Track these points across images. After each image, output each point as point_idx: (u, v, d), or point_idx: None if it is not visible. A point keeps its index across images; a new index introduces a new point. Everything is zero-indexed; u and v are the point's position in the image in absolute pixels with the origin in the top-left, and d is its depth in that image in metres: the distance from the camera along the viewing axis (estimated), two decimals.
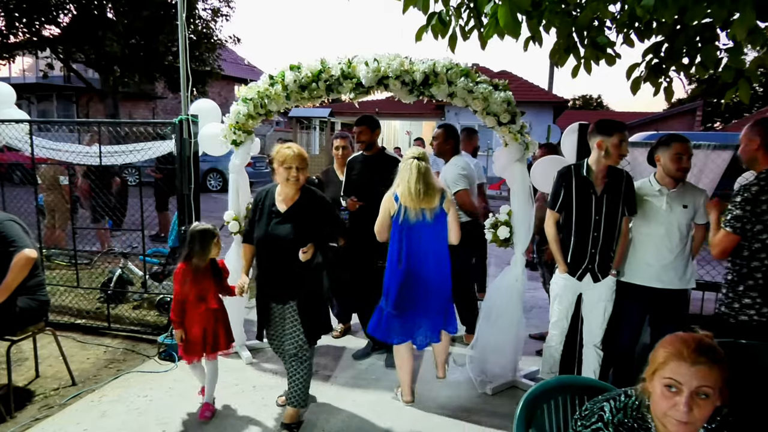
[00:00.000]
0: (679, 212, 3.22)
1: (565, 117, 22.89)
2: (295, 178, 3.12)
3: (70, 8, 17.40)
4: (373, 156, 4.29)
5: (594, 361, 3.46)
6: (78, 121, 6.44)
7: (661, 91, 2.95)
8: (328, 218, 3.27)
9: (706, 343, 1.41)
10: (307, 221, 3.15)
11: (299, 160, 3.12)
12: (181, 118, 4.22)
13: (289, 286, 3.16)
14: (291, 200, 3.20)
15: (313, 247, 3.10)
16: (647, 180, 3.36)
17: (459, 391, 3.83)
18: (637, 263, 3.34)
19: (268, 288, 3.24)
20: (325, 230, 3.25)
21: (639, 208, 3.32)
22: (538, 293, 5.87)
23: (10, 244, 3.31)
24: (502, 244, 3.85)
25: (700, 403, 1.36)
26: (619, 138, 3.23)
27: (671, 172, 3.20)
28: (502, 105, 3.46)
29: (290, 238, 3.09)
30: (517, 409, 1.95)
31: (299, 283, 3.14)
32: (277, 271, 3.17)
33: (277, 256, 3.15)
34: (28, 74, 23.97)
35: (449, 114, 21.64)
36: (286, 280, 3.15)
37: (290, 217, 3.16)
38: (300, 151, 3.16)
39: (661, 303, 3.28)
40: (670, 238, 3.23)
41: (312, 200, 3.23)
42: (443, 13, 2.63)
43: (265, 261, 3.24)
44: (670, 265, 3.24)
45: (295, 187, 3.18)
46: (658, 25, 2.69)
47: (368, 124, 4.24)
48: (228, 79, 26.38)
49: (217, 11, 19.51)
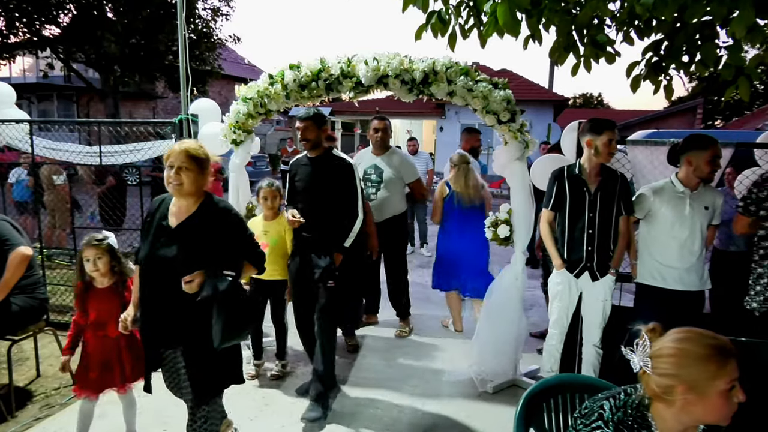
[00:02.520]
0: (701, 214, 3.20)
1: (565, 115, 22.86)
2: (175, 181, 2.35)
3: (70, 8, 17.41)
4: (319, 158, 3.64)
5: (594, 360, 3.46)
6: (78, 120, 6.44)
7: (661, 89, 2.95)
8: (232, 239, 2.47)
9: (714, 335, 1.43)
10: (202, 242, 2.39)
11: (182, 158, 2.35)
12: (181, 117, 4.22)
13: (174, 326, 2.43)
14: (184, 213, 2.44)
15: (201, 276, 2.32)
16: (669, 181, 3.30)
17: (459, 390, 3.83)
18: (658, 266, 3.29)
19: (152, 326, 2.52)
20: (225, 255, 2.45)
21: (662, 210, 3.25)
22: (538, 291, 5.87)
23: (4, 243, 3.32)
24: (503, 242, 3.86)
25: None
26: (608, 136, 3.23)
27: (704, 174, 3.15)
28: (502, 103, 3.46)
29: (176, 263, 2.35)
30: (517, 408, 1.95)
31: (185, 323, 2.39)
32: (161, 304, 2.45)
33: (160, 284, 2.42)
34: (29, 74, 23.99)
35: (449, 113, 21.63)
36: (171, 318, 2.43)
37: (180, 235, 2.40)
38: (188, 147, 2.39)
39: (680, 305, 3.23)
40: (693, 240, 3.20)
41: (212, 215, 2.44)
42: (443, 12, 2.62)
43: (147, 290, 2.49)
44: (692, 267, 3.22)
45: (180, 195, 2.41)
46: (657, 23, 2.69)
47: (314, 119, 3.55)
48: (228, 79, 26.37)
49: (217, 10, 19.53)
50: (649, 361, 1.45)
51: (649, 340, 1.47)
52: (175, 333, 2.43)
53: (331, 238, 3.52)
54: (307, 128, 3.55)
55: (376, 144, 4.75)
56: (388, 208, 4.71)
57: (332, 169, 3.57)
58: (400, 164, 4.72)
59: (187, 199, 2.43)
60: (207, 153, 2.48)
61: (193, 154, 2.37)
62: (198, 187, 2.42)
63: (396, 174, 4.69)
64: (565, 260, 3.44)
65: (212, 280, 2.32)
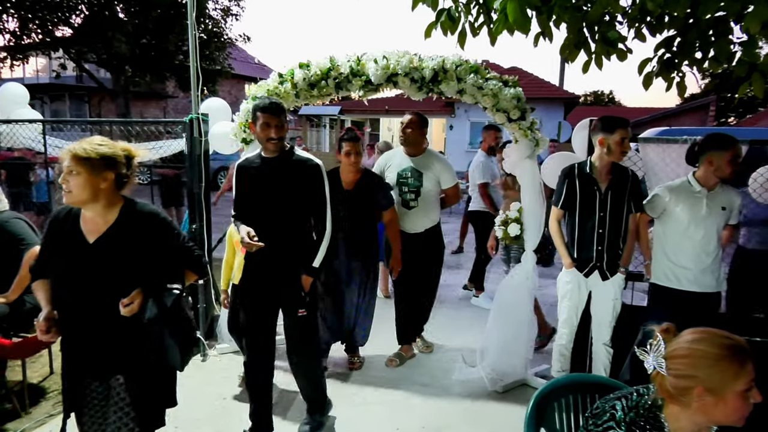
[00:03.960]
0: (717, 214, 3.14)
1: (576, 113, 22.71)
2: (65, 188, 2.00)
3: (82, 9, 17.58)
4: (277, 159, 2.96)
5: (604, 359, 3.44)
6: (90, 120, 6.50)
7: (673, 86, 2.92)
8: (165, 247, 2.15)
9: (729, 336, 1.41)
10: (130, 256, 2.06)
11: (68, 161, 1.98)
12: (192, 116, 4.25)
13: (110, 354, 2.10)
14: (102, 226, 2.07)
15: (140, 296, 2.02)
16: (686, 180, 3.24)
17: (469, 389, 3.82)
18: (672, 266, 3.24)
19: (78, 357, 2.14)
20: (162, 266, 2.14)
21: (677, 210, 3.19)
22: (548, 290, 5.84)
23: (20, 242, 3.36)
24: (513, 241, 3.84)
25: None
26: (621, 135, 3.19)
27: (724, 175, 3.08)
28: (512, 101, 3.45)
29: (101, 285, 2.04)
30: (528, 408, 1.94)
31: (126, 349, 2.09)
32: (89, 330, 2.09)
33: (87, 309, 2.06)
34: (41, 75, 24.25)
35: (459, 111, 21.56)
36: (104, 345, 2.09)
37: (101, 252, 2.04)
38: (72, 148, 1.99)
39: (694, 307, 3.17)
40: (709, 241, 3.15)
41: (135, 223, 2.10)
42: (452, 10, 2.62)
43: (67, 313, 2.10)
44: (708, 268, 3.17)
45: (73, 203, 2.05)
46: (669, 19, 2.66)
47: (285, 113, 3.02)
48: (238, 78, 26.46)
49: (227, 10, 19.61)
50: (663, 362, 1.43)
51: (663, 340, 1.45)
52: (111, 361, 2.11)
53: (297, 258, 2.97)
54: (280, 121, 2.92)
55: (408, 142, 4.12)
56: (428, 217, 4.14)
57: (294, 172, 2.95)
58: (441, 167, 4.14)
59: (96, 208, 2.05)
60: (104, 151, 2.02)
61: (79, 155, 1.97)
62: (92, 192, 2.00)
63: (435, 178, 4.11)
64: (574, 259, 3.42)
65: (154, 297, 2.04)
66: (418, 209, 4.08)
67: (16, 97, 5.12)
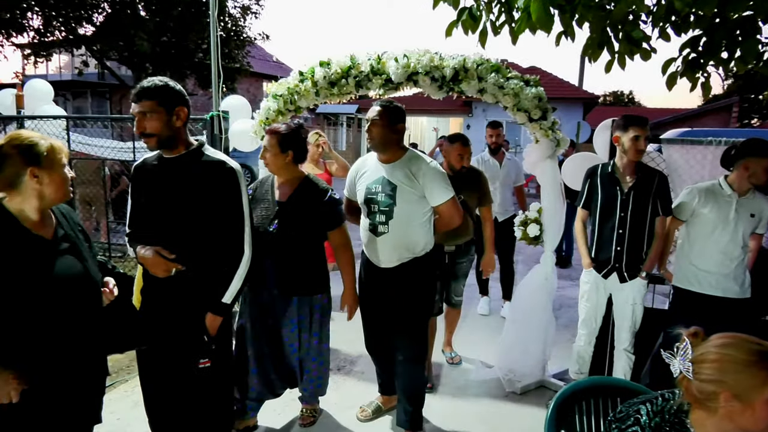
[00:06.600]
0: (745, 220, 3.08)
1: (595, 113, 22.47)
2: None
3: (104, 7, 17.85)
4: (178, 160, 2.34)
5: (625, 365, 3.40)
6: (113, 117, 6.60)
7: (698, 86, 2.87)
8: None
9: (759, 341, 1.39)
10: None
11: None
12: (213, 114, 4.28)
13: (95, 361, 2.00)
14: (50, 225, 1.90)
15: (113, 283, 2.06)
16: (717, 183, 3.17)
17: (487, 390, 3.81)
18: (695, 270, 3.18)
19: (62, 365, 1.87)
20: None
21: (704, 212, 3.13)
22: (566, 291, 5.79)
23: None
24: (532, 242, 3.82)
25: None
26: (634, 132, 3.13)
27: (760, 182, 3.02)
28: (534, 101, 3.42)
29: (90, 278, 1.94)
30: (548, 410, 1.92)
31: None
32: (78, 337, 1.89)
33: (82, 309, 1.89)
34: (64, 71, 24.71)
35: (476, 110, 21.46)
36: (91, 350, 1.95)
37: (65, 245, 1.90)
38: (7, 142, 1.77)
39: (718, 312, 3.11)
40: (734, 246, 3.09)
41: (65, 220, 1.98)
42: (474, 8, 2.60)
43: (57, 320, 1.83)
44: (731, 274, 3.10)
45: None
46: (696, 18, 2.62)
47: (158, 98, 2.24)
48: (256, 76, 26.62)
49: (247, 9, 19.72)
50: (690, 366, 1.41)
51: (691, 344, 1.43)
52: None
53: (198, 292, 2.33)
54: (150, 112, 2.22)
55: (375, 144, 2.97)
56: (403, 247, 2.98)
57: (200, 177, 2.30)
58: (427, 178, 2.93)
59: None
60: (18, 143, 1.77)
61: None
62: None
63: (416, 193, 2.94)
64: (593, 259, 3.38)
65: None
66: (389, 236, 2.93)
67: (41, 94, 5.22)
